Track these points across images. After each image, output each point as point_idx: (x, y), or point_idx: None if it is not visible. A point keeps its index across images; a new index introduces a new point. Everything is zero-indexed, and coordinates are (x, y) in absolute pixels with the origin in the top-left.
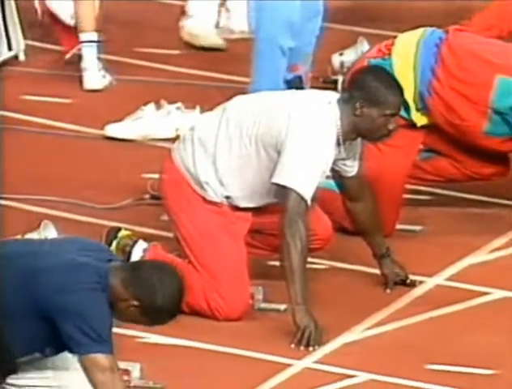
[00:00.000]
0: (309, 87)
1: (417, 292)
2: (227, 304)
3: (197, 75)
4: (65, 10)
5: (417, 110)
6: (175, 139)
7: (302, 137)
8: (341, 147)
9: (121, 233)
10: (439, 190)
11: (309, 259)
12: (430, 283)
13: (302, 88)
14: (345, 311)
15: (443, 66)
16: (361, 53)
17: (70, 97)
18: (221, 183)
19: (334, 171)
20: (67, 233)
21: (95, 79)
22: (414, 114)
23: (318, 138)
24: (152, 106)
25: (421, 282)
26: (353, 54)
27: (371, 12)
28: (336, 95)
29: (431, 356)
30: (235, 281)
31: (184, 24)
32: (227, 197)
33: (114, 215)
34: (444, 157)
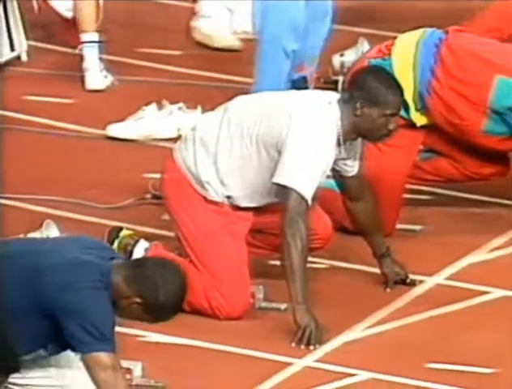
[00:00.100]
0: (313, 87)
1: (417, 291)
2: (228, 303)
3: (198, 76)
4: (61, 3)
5: (417, 110)
6: (176, 139)
7: (303, 137)
8: (341, 147)
9: (122, 233)
10: (439, 190)
11: (310, 259)
12: (430, 282)
13: (306, 88)
14: (345, 310)
15: (442, 67)
16: (362, 54)
17: (72, 97)
18: (222, 183)
19: (334, 171)
20: (69, 233)
21: (96, 80)
22: (413, 114)
23: (319, 138)
24: (154, 106)
25: (421, 281)
26: (354, 55)
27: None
28: (336, 95)
29: (431, 354)
30: (236, 280)
31: (197, 25)
32: (228, 197)
33: (116, 214)
34: (444, 157)
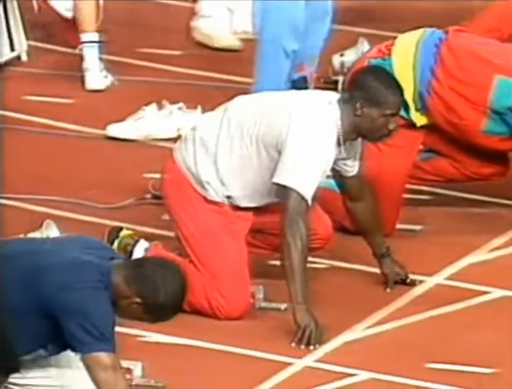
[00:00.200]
0: (313, 87)
1: (417, 291)
2: (228, 303)
3: (198, 76)
4: (61, 3)
5: (416, 110)
6: (176, 139)
7: (303, 137)
8: (341, 147)
9: (122, 233)
10: (439, 190)
11: (310, 259)
12: (430, 282)
13: (306, 88)
14: (345, 310)
15: (442, 67)
16: (362, 54)
17: (72, 97)
18: (222, 183)
19: (334, 171)
20: (69, 233)
21: (97, 80)
22: (413, 114)
23: (319, 138)
24: (154, 106)
25: (421, 281)
26: (354, 55)
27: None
28: (337, 95)
29: (431, 354)
30: (236, 280)
31: (197, 25)
32: (228, 197)
33: (116, 214)
34: (444, 157)
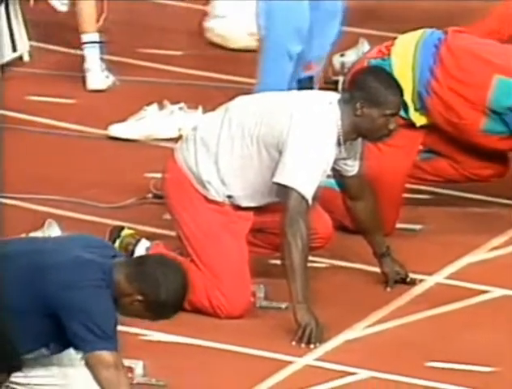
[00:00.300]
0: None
1: (417, 290)
2: (229, 302)
3: (199, 76)
4: None
5: (416, 110)
6: (178, 139)
7: (303, 137)
8: (342, 147)
9: (124, 232)
10: (439, 190)
11: (310, 258)
12: (430, 281)
13: (312, 88)
14: (346, 309)
15: (442, 67)
16: (362, 54)
17: (74, 98)
18: (223, 182)
19: (334, 170)
20: (71, 232)
21: (98, 80)
22: (413, 114)
23: (319, 138)
24: (155, 106)
25: (421, 280)
26: (354, 55)
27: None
28: (337, 95)
29: (431, 353)
30: (237, 279)
31: (210, 26)
32: (229, 196)
33: (117, 214)
34: (443, 158)
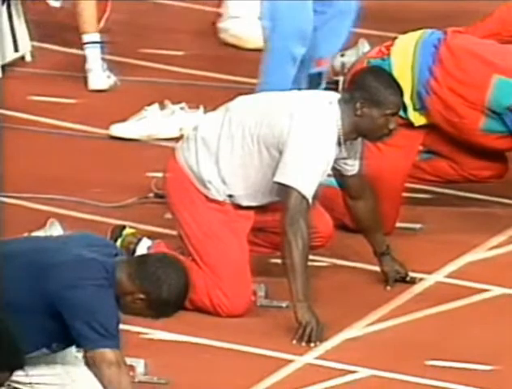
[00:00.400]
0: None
1: (417, 289)
2: (229, 301)
3: (200, 76)
4: None
5: (415, 110)
6: (179, 139)
7: (304, 137)
8: (342, 147)
9: (125, 231)
10: (439, 189)
11: (311, 257)
12: (430, 280)
13: (320, 84)
14: (346, 308)
15: (441, 66)
16: (362, 54)
17: (76, 97)
18: (224, 182)
19: (335, 170)
20: (73, 231)
21: (99, 80)
22: (412, 114)
23: (320, 137)
24: (156, 106)
25: (421, 279)
26: (354, 55)
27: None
28: (337, 95)
29: (431, 352)
30: (237, 278)
31: (224, 26)
32: (229, 196)
33: (119, 213)
34: (443, 158)
